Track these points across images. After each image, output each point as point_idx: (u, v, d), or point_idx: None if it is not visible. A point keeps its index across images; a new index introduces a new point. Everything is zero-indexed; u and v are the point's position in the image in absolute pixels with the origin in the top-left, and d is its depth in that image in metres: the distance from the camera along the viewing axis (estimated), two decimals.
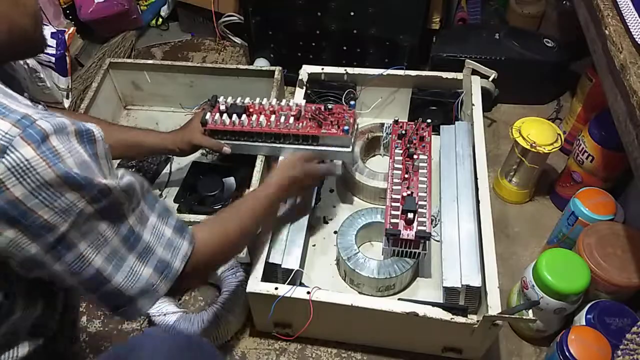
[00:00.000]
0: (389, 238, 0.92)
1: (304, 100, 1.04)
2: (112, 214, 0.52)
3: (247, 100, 1.02)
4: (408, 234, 0.91)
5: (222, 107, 0.99)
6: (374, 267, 0.93)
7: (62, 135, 0.46)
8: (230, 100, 1.03)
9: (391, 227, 0.92)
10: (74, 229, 0.48)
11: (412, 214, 0.91)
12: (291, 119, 0.95)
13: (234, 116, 0.97)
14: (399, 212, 0.93)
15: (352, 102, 1.01)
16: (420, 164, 1.00)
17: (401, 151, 1.03)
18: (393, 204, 0.95)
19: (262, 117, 0.98)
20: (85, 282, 0.52)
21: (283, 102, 1.01)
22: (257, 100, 1.02)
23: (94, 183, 0.48)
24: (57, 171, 0.45)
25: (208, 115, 0.99)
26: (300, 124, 0.96)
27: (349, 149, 0.97)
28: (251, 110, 1.00)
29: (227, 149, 1.00)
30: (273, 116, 0.97)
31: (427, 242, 0.91)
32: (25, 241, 0.46)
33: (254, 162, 1.03)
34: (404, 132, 1.07)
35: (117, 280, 0.53)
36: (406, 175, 0.99)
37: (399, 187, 0.97)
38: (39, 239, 0.47)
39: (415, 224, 0.92)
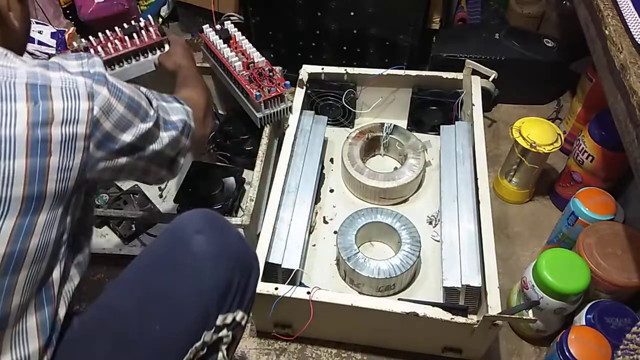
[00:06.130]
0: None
1: (263, 58, 1.08)
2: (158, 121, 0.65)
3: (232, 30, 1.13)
4: None
5: (218, 27, 1.13)
6: (373, 267, 0.93)
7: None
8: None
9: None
10: (138, 139, 0.61)
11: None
12: (240, 64, 1.05)
13: (220, 41, 1.08)
14: None
15: (286, 82, 1.05)
16: None
17: None
18: None
19: (232, 52, 1.07)
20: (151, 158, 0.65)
21: (252, 50, 1.09)
22: (240, 38, 1.12)
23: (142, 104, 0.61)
24: (123, 103, 0.58)
25: (207, 27, 1.11)
26: (245, 71, 1.05)
27: (259, 114, 1.04)
28: (231, 42, 1.11)
29: None
30: (235, 56, 1.06)
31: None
32: (114, 157, 0.59)
33: (253, 162, 1.04)
34: None
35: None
36: None
37: None
38: (120, 152, 0.59)
39: None
